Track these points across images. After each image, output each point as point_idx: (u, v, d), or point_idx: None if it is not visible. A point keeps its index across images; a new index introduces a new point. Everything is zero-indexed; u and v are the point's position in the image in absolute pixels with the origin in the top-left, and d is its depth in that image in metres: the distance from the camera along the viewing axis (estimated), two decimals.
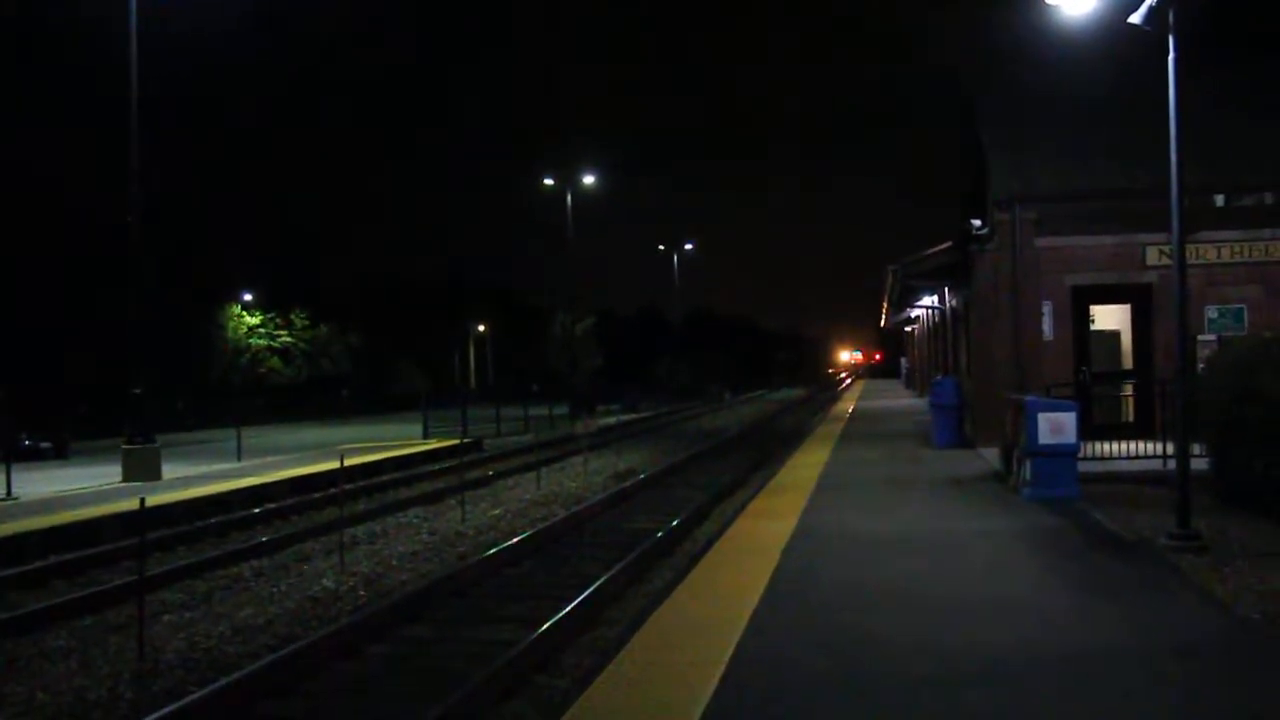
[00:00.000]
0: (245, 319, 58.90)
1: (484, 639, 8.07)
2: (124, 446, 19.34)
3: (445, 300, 78.04)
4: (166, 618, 9.14)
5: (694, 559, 8.87)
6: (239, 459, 23.18)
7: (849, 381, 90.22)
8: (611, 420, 36.77)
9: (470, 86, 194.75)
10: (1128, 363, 17.30)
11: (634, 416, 42.01)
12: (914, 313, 38.83)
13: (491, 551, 11.13)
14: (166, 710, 6.15)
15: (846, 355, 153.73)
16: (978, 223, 18.21)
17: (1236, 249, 16.12)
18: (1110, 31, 10.52)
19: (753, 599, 7.05)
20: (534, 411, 38.40)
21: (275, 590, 10.11)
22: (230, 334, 57.97)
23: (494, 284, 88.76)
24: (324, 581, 10.37)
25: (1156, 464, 12.64)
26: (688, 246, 73.56)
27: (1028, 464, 11.55)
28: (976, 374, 18.88)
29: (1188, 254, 11.45)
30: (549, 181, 48.08)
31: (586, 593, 8.85)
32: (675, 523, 12.77)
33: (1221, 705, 4.95)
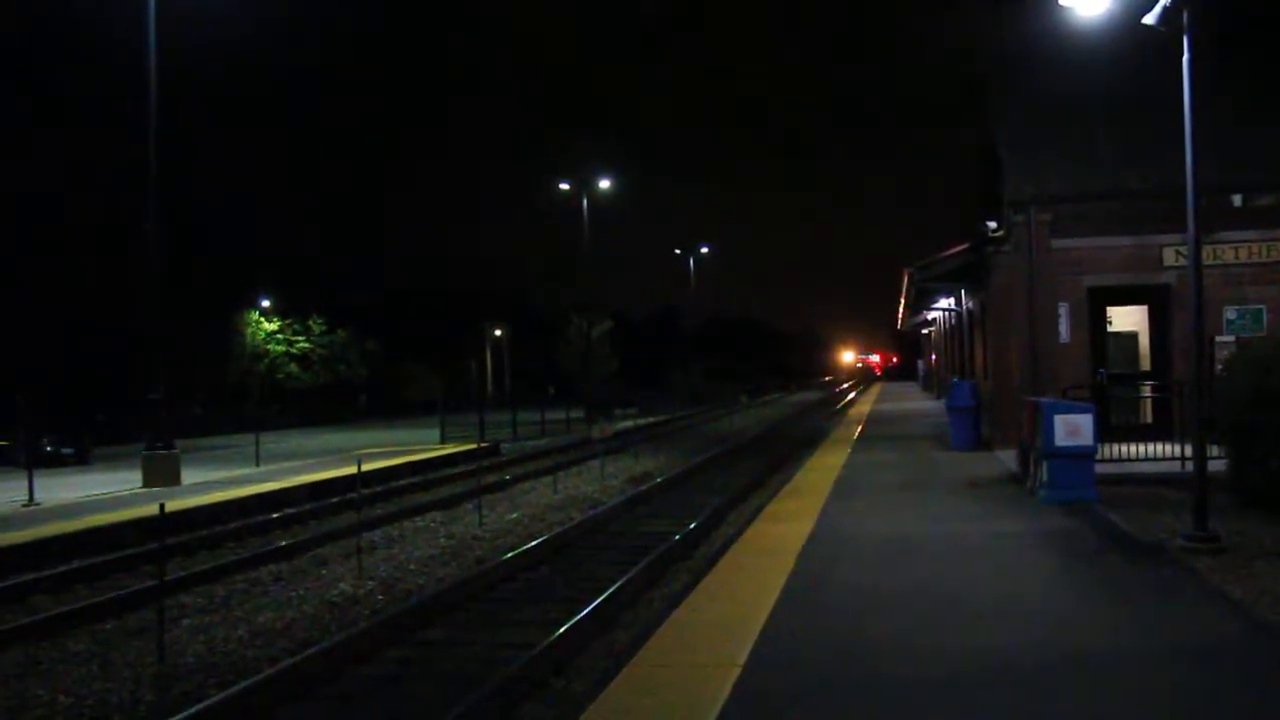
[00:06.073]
0: (263, 325, 59.24)
1: (501, 642, 8.10)
2: (144, 452, 19.49)
3: (461, 306, 78.29)
4: (186, 621, 9.21)
5: (710, 562, 8.89)
6: (258, 464, 23.30)
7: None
8: (628, 424, 36.80)
9: (478, 88, 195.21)
10: (1145, 364, 17.20)
11: (650, 420, 42.01)
12: (931, 315, 38.76)
13: (508, 555, 11.17)
14: (187, 713, 6.21)
15: (850, 356, 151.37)
16: (993, 225, 18.15)
17: (1255, 249, 16.00)
18: (1125, 30, 10.50)
19: (769, 602, 7.06)
20: (550, 416, 38.46)
21: (294, 594, 10.18)
22: (248, 340, 58.31)
23: (510, 289, 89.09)
24: (342, 586, 10.44)
25: (1174, 466, 12.57)
26: (703, 250, 73.58)
27: (1045, 466, 11.50)
28: (993, 376, 18.82)
29: (1205, 255, 11.43)
30: (564, 186, 48.19)
31: (603, 596, 8.88)
32: (692, 526, 12.78)
33: (1239, 709, 4.92)
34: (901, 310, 36.51)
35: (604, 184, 47.98)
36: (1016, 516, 10.53)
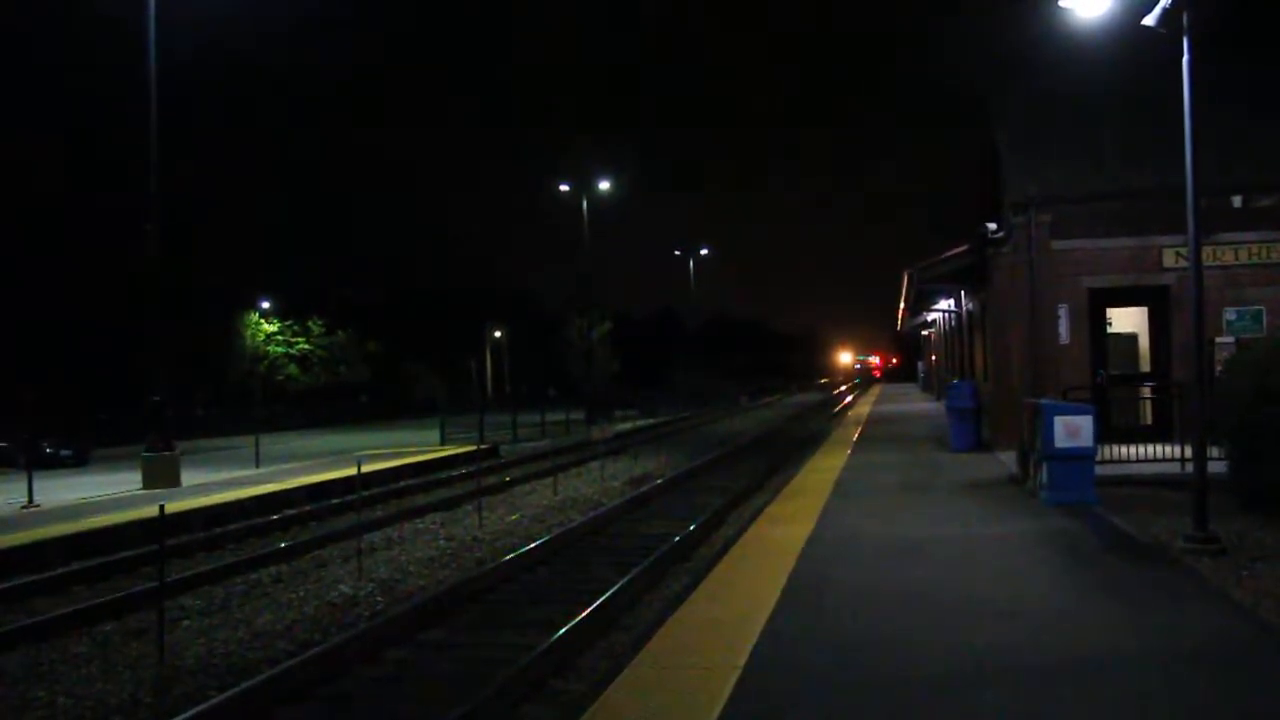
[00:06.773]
0: (263, 327, 59.22)
1: (501, 644, 8.10)
2: (144, 454, 19.47)
3: (462, 307, 78.39)
4: (186, 623, 9.21)
5: (711, 564, 8.88)
6: (257, 465, 23.30)
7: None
8: (628, 426, 36.80)
9: (478, 88, 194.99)
10: (1145, 365, 17.20)
11: (651, 421, 42.02)
12: (931, 316, 38.74)
13: (508, 557, 11.17)
14: (186, 715, 6.21)
15: (849, 358, 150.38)
16: (993, 226, 18.15)
17: (1255, 250, 16.02)
18: (1126, 31, 10.50)
19: (769, 603, 7.06)
20: (550, 417, 38.46)
21: (294, 596, 10.17)
22: (248, 341, 58.31)
23: (510, 290, 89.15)
24: (342, 587, 10.43)
25: (1174, 467, 12.56)
26: (704, 252, 73.54)
27: (1044, 468, 11.50)
28: (993, 377, 18.82)
29: (1205, 256, 11.43)
30: (565, 188, 48.22)
31: (603, 598, 8.87)
32: (692, 527, 12.78)
33: (1240, 711, 4.92)
34: (901, 311, 36.50)
35: (603, 185, 48.04)
36: (1016, 518, 10.53)
